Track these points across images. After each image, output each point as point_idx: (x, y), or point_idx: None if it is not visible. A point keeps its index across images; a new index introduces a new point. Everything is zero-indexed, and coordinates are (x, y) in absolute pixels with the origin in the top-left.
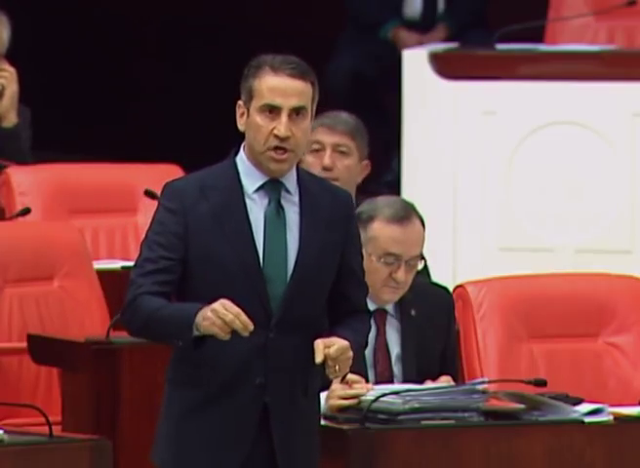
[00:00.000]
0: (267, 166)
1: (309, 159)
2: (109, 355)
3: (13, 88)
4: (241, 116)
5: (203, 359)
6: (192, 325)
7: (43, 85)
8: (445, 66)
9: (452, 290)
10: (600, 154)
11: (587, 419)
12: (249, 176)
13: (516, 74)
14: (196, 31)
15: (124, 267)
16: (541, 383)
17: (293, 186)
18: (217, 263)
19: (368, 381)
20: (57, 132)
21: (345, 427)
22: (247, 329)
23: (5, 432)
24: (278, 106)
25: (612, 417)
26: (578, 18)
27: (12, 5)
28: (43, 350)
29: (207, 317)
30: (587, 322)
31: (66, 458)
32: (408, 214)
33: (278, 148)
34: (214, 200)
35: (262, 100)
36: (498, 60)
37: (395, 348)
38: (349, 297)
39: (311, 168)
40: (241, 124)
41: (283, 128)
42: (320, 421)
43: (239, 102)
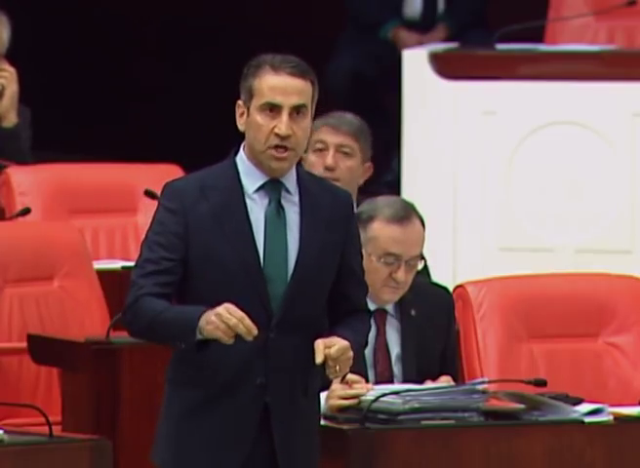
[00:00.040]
0: (268, 164)
1: (312, 158)
2: (109, 355)
3: (13, 88)
4: (241, 116)
5: (203, 359)
6: (196, 328)
7: (43, 85)
8: (445, 66)
9: (452, 290)
10: (600, 154)
11: (587, 419)
12: (249, 176)
13: (516, 74)
14: (196, 31)
15: (124, 267)
16: (541, 383)
17: (293, 186)
18: (217, 263)
19: (368, 381)
20: (57, 132)
21: (345, 427)
22: (251, 333)
23: (5, 432)
24: (279, 105)
25: (612, 417)
26: (578, 18)
27: (12, 5)
28: (43, 350)
29: (210, 321)
30: (587, 322)
31: (66, 458)
32: (408, 214)
33: (279, 147)
34: (214, 200)
35: (263, 99)
36: (498, 60)
37: (395, 348)
38: (349, 297)
39: (314, 167)
40: (241, 124)
41: (284, 126)
42: (320, 421)
43: (238, 102)
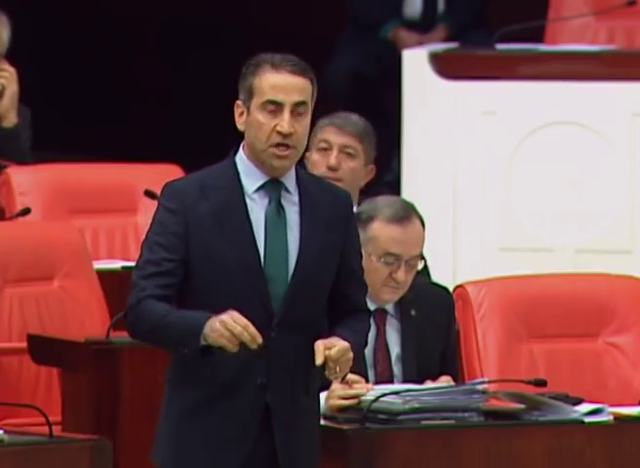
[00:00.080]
0: (270, 163)
1: (315, 157)
2: (109, 355)
3: (13, 88)
4: (240, 115)
5: (204, 359)
6: (200, 334)
7: (43, 85)
8: (445, 66)
9: (452, 290)
10: (600, 154)
11: (587, 419)
12: (249, 176)
13: (516, 74)
14: (196, 31)
15: (124, 267)
16: (541, 383)
17: (292, 186)
18: (217, 263)
19: (368, 381)
20: (57, 132)
21: (345, 427)
22: (255, 341)
23: (5, 432)
24: (280, 102)
25: (612, 417)
26: (578, 18)
27: (12, 5)
28: (43, 350)
29: (215, 328)
30: (587, 322)
31: (66, 458)
32: (408, 214)
33: (280, 145)
34: (214, 200)
35: (264, 97)
36: (498, 60)
37: (395, 348)
38: (349, 297)
39: (317, 166)
40: (240, 123)
41: (286, 124)
42: (320, 421)
43: (237, 102)
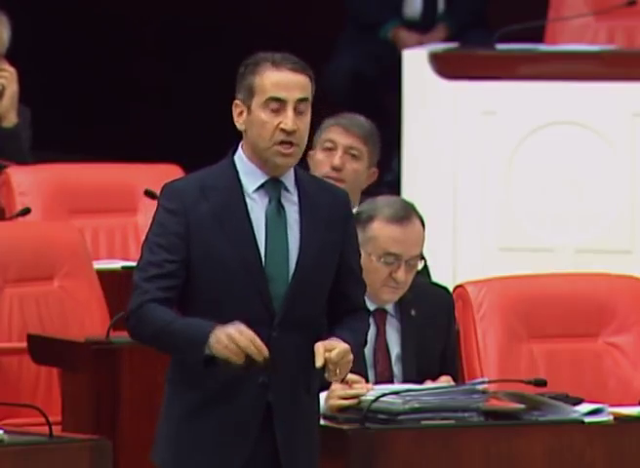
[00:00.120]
0: (274, 161)
1: (319, 156)
2: (109, 355)
3: (13, 88)
4: (239, 115)
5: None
6: (204, 344)
7: (43, 85)
8: (445, 66)
9: (452, 290)
10: (600, 154)
11: (587, 419)
12: (249, 176)
13: (516, 74)
14: (196, 31)
15: (124, 267)
16: (541, 383)
17: (292, 185)
18: (218, 263)
19: (368, 381)
20: (57, 132)
21: (345, 427)
22: (261, 354)
23: (5, 432)
24: (283, 99)
25: (612, 417)
26: (578, 18)
27: (12, 5)
28: (43, 350)
29: (220, 340)
30: (587, 322)
31: (66, 458)
32: (408, 213)
33: (284, 143)
34: (214, 200)
35: (266, 95)
36: (498, 60)
37: (395, 348)
38: (349, 296)
39: (320, 165)
40: (240, 123)
41: (290, 121)
42: (320, 421)
43: (236, 102)
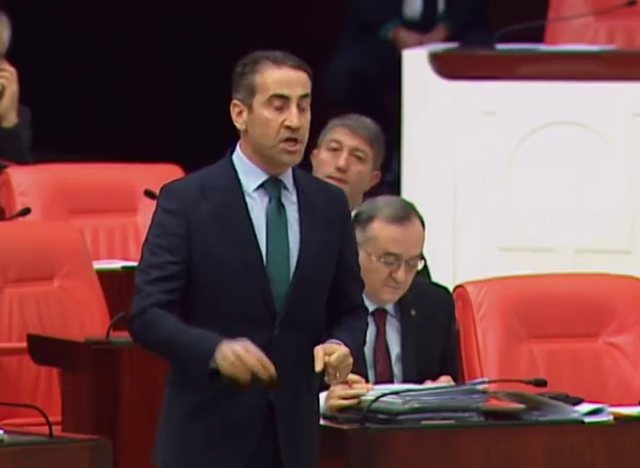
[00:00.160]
0: (279, 159)
1: (324, 156)
2: (109, 355)
3: (13, 88)
4: (239, 115)
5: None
6: (210, 359)
7: (43, 85)
8: (445, 66)
9: (452, 290)
10: (600, 154)
11: (587, 419)
12: (248, 175)
13: (516, 74)
14: (196, 31)
15: (124, 267)
16: (541, 383)
17: (290, 184)
18: (220, 263)
19: (368, 381)
20: (57, 132)
21: (345, 427)
22: (268, 372)
23: (5, 432)
24: (287, 96)
25: (612, 417)
26: (578, 18)
27: (12, 5)
28: (43, 350)
29: (227, 357)
30: (587, 322)
31: (66, 458)
32: (408, 214)
33: (289, 140)
34: (214, 200)
35: (269, 93)
36: (498, 60)
37: (395, 348)
38: (347, 295)
39: (324, 165)
40: (240, 123)
41: (295, 118)
42: (319, 420)
43: (234, 102)
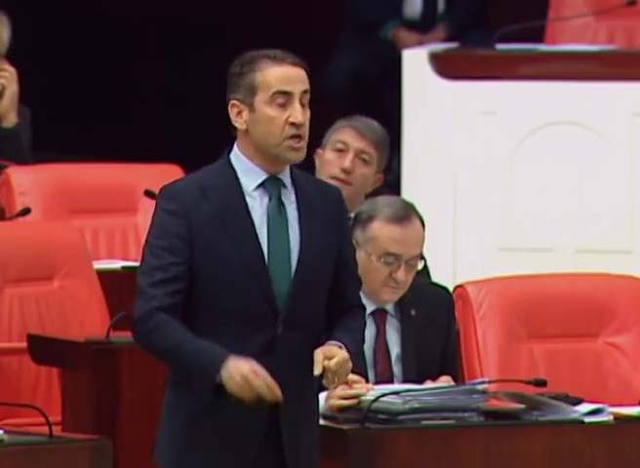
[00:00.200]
0: (285, 156)
1: (329, 156)
2: (109, 355)
3: (13, 88)
4: (238, 115)
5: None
6: (215, 375)
7: (43, 85)
8: (445, 66)
9: (452, 290)
10: (600, 154)
11: (587, 419)
12: (247, 174)
13: (516, 74)
14: (196, 31)
15: (124, 267)
16: (541, 383)
17: (289, 183)
18: (221, 262)
19: (368, 381)
20: (56, 132)
21: (345, 427)
22: (274, 394)
23: (5, 432)
24: (290, 92)
25: (612, 417)
26: (578, 18)
27: (12, 5)
28: (43, 350)
29: (233, 378)
30: (587, 322)
31: (66, 458)
32: (408, 213)
33: (294, 137)
34: (214, 200)
35: (272, 90)
36: (498, 60)
37: (395, 348)
38: (345, 293)
39: (329, 165)
40: (241, 122)
41: (299, 114)
42: (319, 420)
43: (233, 102)
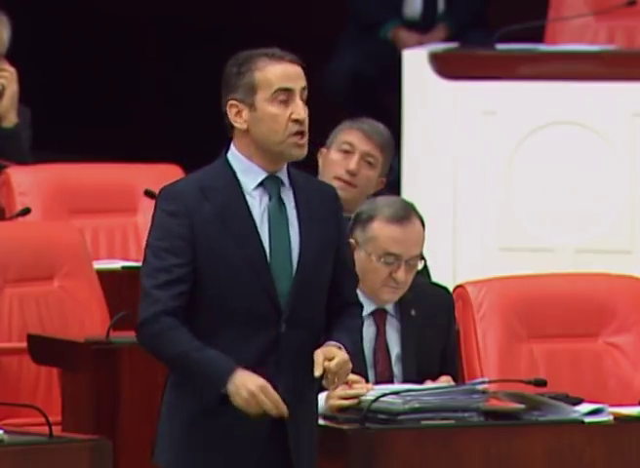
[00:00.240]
0: (289, 153)
1: (335, 156)
2: (109, 355)
3: (13, 88)
4: (237, 114)
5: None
6: (222, 386)
7: (43, 85)
8: (445, 66)
9: (452, 290)
10: (600, 154)
11: (587, 419)
12: (247, 174)
13: (516, 74)
14: (196, 31)
15: (124, 267)
16: (541, 383)
17: (286, 181)
18: (224, 262)
19: (368, 381)
20: (56, 132)
21: (345, 427)
22: (280, 411)
23: (5, 432)
24: (291, 89)
25: (612, 417)
26: (578, 18)
27: (12, 5)
28: (43, 350)
29: (240, 393)
30: (587, 322)
31: (66, 458)
32: (408, 213)
33: (298, 133)
34: (215, 200)
35: (273, 87)
36: (498, 60)
37: (395, 348)
38: (343, 290)
39: (334, 165)
40: (241, 122)
41: (302, 110)
42: (318, 420)
43: (232, 102)
